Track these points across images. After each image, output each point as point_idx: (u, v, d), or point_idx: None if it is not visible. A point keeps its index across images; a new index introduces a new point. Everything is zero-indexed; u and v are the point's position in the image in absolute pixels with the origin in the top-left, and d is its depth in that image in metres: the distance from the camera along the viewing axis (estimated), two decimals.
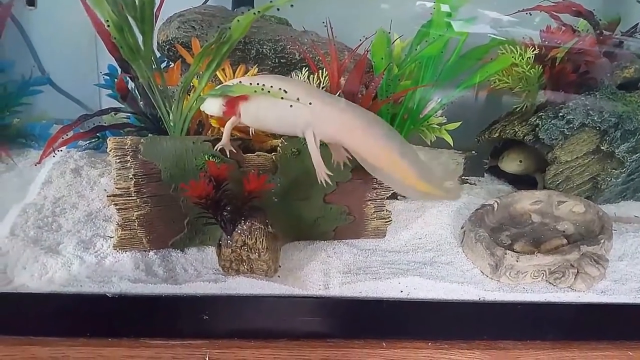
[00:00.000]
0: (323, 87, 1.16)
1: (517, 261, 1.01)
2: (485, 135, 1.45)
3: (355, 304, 0.98)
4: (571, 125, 1.31)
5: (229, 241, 0.96)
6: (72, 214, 1.14)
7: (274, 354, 0.93)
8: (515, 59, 1.31)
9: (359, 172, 1.04)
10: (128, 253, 1.02)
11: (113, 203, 1.00)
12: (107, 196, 1.00)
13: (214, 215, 0.95)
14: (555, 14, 1.38)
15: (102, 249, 1.03)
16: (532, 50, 1.32)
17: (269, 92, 0.93)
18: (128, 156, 0.99)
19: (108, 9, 0.89)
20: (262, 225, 0.98)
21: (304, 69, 1.20)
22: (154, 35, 1.01)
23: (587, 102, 1.33)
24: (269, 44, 1.26)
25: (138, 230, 1.01)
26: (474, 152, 1.43)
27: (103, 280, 0.95)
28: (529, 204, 1.23)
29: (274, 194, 1.05)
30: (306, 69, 1.20)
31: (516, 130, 1.36)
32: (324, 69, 1.16)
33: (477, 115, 1.51)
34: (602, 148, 1.31)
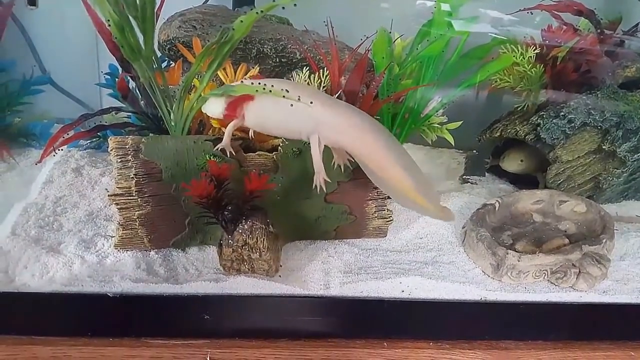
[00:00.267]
0: (324, 87, 1.16)
1: (519, 261, 1.01)
2: (487, 135, 1.44)
3: (356, 303, 0.98)
4: (573, 124, 1.30)
5: (230, 241, 0.96)
6: (73, 213, 1.14)
7: (275, 354, 0.93)
8: (516, 58, 1.31)
9: (360, 172, 1.04)
10: (129, 252, 1.02)
11: (114, 202, 1.00)
12: (108, 195, 1.00)
13: (215, 214, 0.95)
14: (556, 13, 1.38)
15: (103, 249, 1.03)
16: (534, 50, 1.32)
17: (271, 92, 0.93)
18: (129, 155, 0.99)
19: (109, 8, 0.89)
20: (263, 225, 0.98)
21: (304, 69, 1.20)
22: (155, 35, 1.01)
23: (589, 102, 1.33)
24: (269, 43, 1.26)
25: (139, 230, 1.01)
26: (475, 152, 1.43)
27: (104, 279, 0.95)
28: (530, 204, 1.23)
29: (275, 193, 1.05)
30: (307, 68, 1.20)
31: (517, 129, 1.36)
32: (325, 69, 1.16)
33: (478, 114, 1.50)
34: (604, 147, 1.31)
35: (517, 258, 1.01)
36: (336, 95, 1.10)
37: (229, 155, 1.00)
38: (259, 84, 0.94)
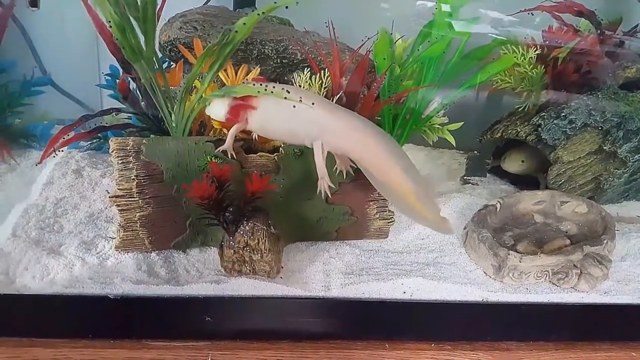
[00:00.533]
0: (325, 88, 1.16)
1: (520, 262, 1.01)
2: (488, 136, 1.44)
3: (357, 305, 0.98)
4: (573, 125, 1.30)
5: (231, 242, 0.96)
6: (74, 215, 1.14)
7: (276, 355, 0.93)
8: (517, 59, 1.31)
9: (361, 173, 1.04)
10: (130, 254, 1.02)
11: (115, 204, 1.00)
12: (109, 197, 1.00)
13: (216, 216, 0.95)
14: (557, 14, 1.38)
15: (104, 250, 1.03)
16: (534, 51, 1.32)
17: (272, 93, 0.93)
18: (130, 157, 0.99)
19: (110, 9, 0.89)
20: (265, 226, 0.97)
21: (305, 70, 1.20)
22: (156, 36, 1.01)
23: (590, 102, 1.33)
24: (270, 44, 1.26)
25: (140, 231, 1.01)
26: (476, 152, 1.43)
27: (105, 281, 0.95)
28: (531, 204, 1.23)
29: (277, 194, 1.05)
30: (308, 69, 1.20)
31: (518, 130, 1.36)
32: (326, 70, 1.16)
33: (479, 115, 1.50)
34: (605, 148, 1.31)
35: (519, 259, 1.01)
36: (337, 96, 1.10)
37: (230, 157, 1.00)
38: (261, 85, 0.94)
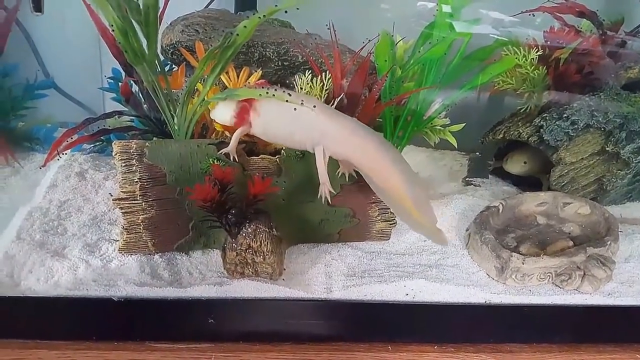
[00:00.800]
0: (326, 90, 1.16)
1: (523, 263, 1.01)
2: (490, 137, 1.44)
3: (360, 307, 0.98)
4: (576, 126, 1.30)
5: (233, 244, 0.96)
6: (78, 217, 1.14)
7: (279, 357, 0.93)
8: (519, 60, 1.31)
9: None
10: (133, 256, 1.02)
11: (118, 206, 1.00)
12: (113, 200, 1.01)
13: (218, 218, 0.95)
14: (558, 15, 1.38)
15: (108, 253, 1.03)
16: (536, 51, 1.32)
17: (274, 96, 0.93)
18: (133, 160, 0.99)
19: (112, 13, 0.89)
20: (267, 228, 0.98)
21: (307, 72, 1.20)
22: (158, 39, 1.01)
23: (592, 103, 1.33)
24: (272, 46, 1.26)
25: (143, 234, 1.02)
26: (478, 154, 1.43)
27: (109, 283, 0.96)
28: (534, 206, 1.23)
29: (279, 196, 1.05)
30: (309, 71, 1.20)
31: (520, 131, 1.36)
32: (327, 72, 1.16)
33: (481, 116, 1.50)
34: (607, 149, 1.31)
35: (522, 260, 1.01)
36: (338, 98, 1.10)
37: (232, 160, 1.00)
38: (263, 88, 0.95)
